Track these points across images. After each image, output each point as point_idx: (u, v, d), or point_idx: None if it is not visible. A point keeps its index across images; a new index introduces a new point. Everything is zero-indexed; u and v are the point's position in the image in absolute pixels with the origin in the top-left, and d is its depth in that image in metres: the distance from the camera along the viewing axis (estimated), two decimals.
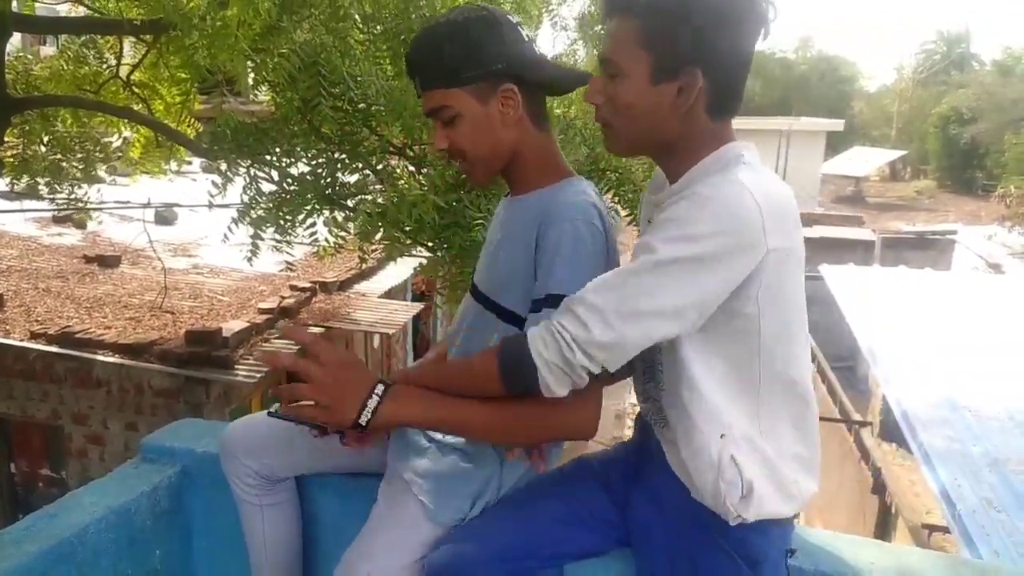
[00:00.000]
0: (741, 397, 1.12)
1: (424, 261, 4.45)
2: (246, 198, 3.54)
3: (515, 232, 1.31)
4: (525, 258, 1.25)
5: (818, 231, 15.23)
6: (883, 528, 6.69)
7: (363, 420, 1.17)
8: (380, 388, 1.19)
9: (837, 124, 27.23)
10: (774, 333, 1.09)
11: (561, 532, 1.29)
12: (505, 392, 1.15)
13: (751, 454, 1.12)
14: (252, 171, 3.57)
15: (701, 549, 1.17)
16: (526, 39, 1.29)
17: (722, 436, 1.11)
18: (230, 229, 3.46)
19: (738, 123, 1.18)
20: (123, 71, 5.72)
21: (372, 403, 1.17)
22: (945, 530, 5.10)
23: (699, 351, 1.11)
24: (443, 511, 1.30)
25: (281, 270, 4.46)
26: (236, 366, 5.51)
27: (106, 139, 6.05)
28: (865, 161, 31.92)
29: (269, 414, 1.31)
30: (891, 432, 7.01)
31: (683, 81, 1.08)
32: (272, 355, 1.29)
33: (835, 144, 30.29)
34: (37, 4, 6.50)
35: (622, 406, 12.22)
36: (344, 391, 1.17)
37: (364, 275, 7.91)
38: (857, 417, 8.30)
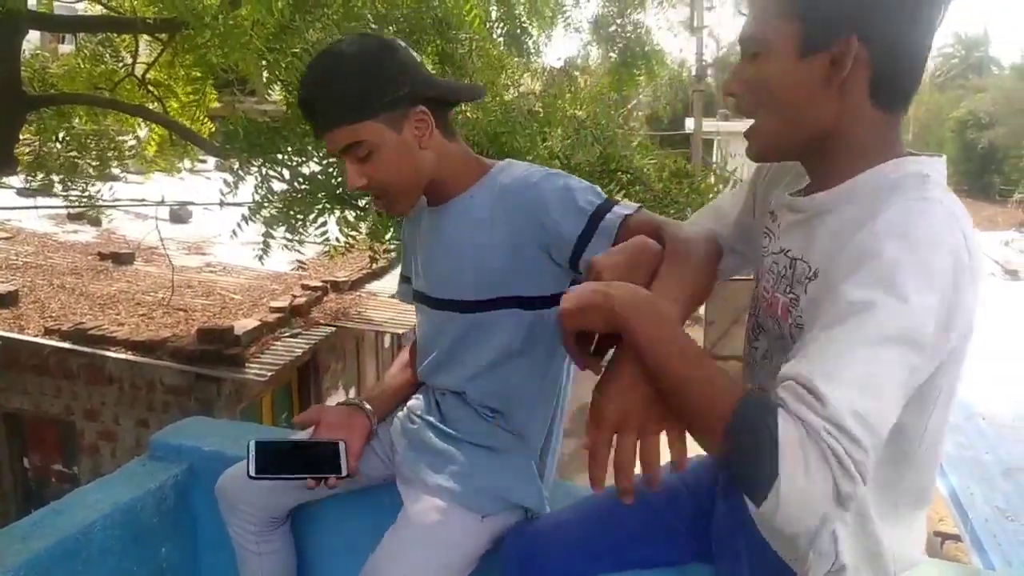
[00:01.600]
0: (881, 467, 0.86)
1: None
2: (258, 197, 3.55)
3: (479, 226, 1.29)
4: (508, 244, 1.25)
5: None
6: None
7: None
8: None
9: None
10: (942, 414, 0.94)
11: (643, 536, 1.25)
12: (719, 444, 0.85)
13: (857, 535, 0.95)
14: (264, 170, 3.58)
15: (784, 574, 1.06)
16: (418, 59, 1.28)
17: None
18: (239, 226, 3.47)
19: (748, 124, 1.08)
20: (139, 70, 5.76)
21: None
22: (957, 538, 5.05)
23: None
24: (475, 502, 1.29)
25: (293, 269, 4.48)
26: (247, 364, 5.53)
27: (121, 137, 6.09)
28: None
29: (252, 478, 1.32)
30: None
31: (836, 50, 0.90)
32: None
33: None
34: (55, 2, 6.57)
35: None
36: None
37: (375, 274, 7.92)
38: None
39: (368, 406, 1.45)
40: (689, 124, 19.16)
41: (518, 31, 4.06)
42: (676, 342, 0.89)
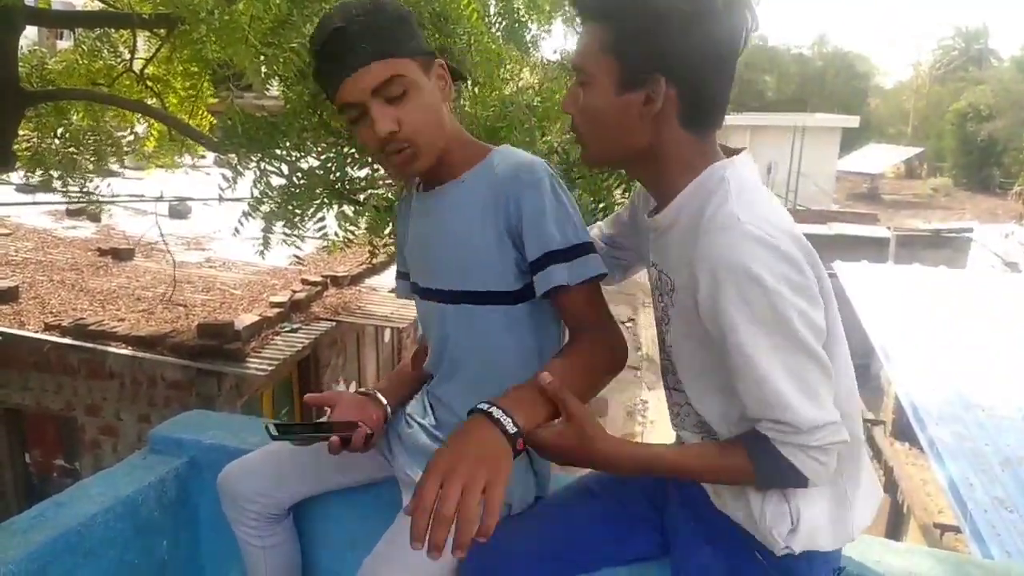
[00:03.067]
0: None
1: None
2: (256, 192, 3.55)
3: (468, 217, 1.25)
4: (499, 229, 1.22)
5: (832, 228, 15.13)
6: (895, 527, 6.64)
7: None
8: None
9: (852, 121, 27.02)
10: (831, 345, 1.07)
11: (602, 534, 1.27)
12: (755, 485, 1.11)
13: (809, 491, 1.09)
14: (262, 165, 3.58)
15: (739, 563, 1.14)
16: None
17: None
18: (241, 223, 3.47)
19: (752, 119, 1.15)
20: (137, 65, 5.75)
21: None
22: (957, 530, 5.06)
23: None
24: None
25: (290, 263, 4.49)
26: (248, 359, 5.54)
27: (119, 133, 6.08)
28: (880, 158, 31.68)
29: (272, 437, 1.29)
30: (904, 431, 6.97)
31: (649, 89, 1.04)
32: None
33: (850, 141, 30.07)
34: None
35: (634, 402, 12.21)
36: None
37: (375, 269, 7.92)
38: (870, 416, 8.25)
39: (381, 396, 1.43)
40: None
41: (516, 25, 4.05)
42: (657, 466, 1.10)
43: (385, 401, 1.42)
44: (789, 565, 1.11)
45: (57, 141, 5.61)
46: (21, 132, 5.22)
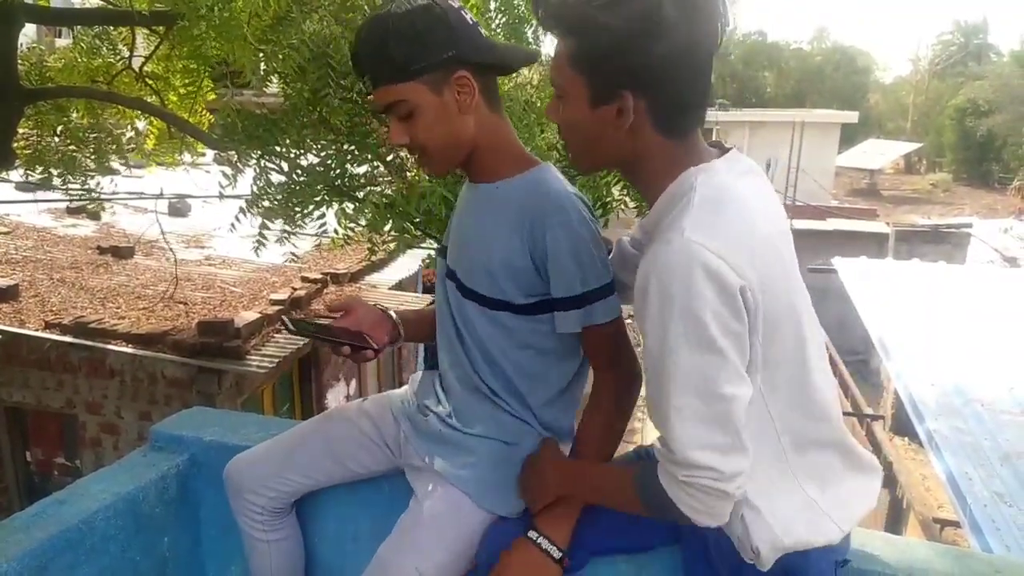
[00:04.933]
0: (762, 438, 1.07)
1: (433, 253, 4.45)
2: (256, 189, 3.55)
3: (495, 225, 1.29)
4: (518, 252, 1.26)
5: (831, 224, 15.13)
6: (894, 522, 6.66)
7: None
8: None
9: (852, 116, 26.98)
10: (783, 365, 1.06)
11: (616, 522, 1.28)
12: (649, 514, 1.14)
13: (773, 506, 1.09)
14: (262, 162, 3.58)
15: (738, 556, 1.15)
16: (471, 22, 1.27)
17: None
18: (237, 219, 3.48)
19: (751, 115, 1.16)
20: (136, 62, 5.74)
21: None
22: (956, 524, 5.07)
23: None
24: (489, 499, 1.31)
25: (287, 261, 4.49)
26: (248, 356, 5.54)
27: (119, 130, 6.08)
28: (880, 153, 31.63)
29: (288, 330, 1.31)
30: (903, 426, 6.98)
31: (618, 104, 1.06)
32: None
33: (849, 136, 30.02)
34: None
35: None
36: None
37: (375, 267, 7.93)
38: (869, 411, 8.26)
39: (396, 317, 1.44)
40: None
41: (516, 22, 4.04)
42: (592, 486, 1.21)
43: (401, 328, 1.43)
44: (785, 561, 1.11)
45: (57, 139, 5.61)
46: (21, 130, 5.22)
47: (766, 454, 1.08)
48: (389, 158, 3.74)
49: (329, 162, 3.60)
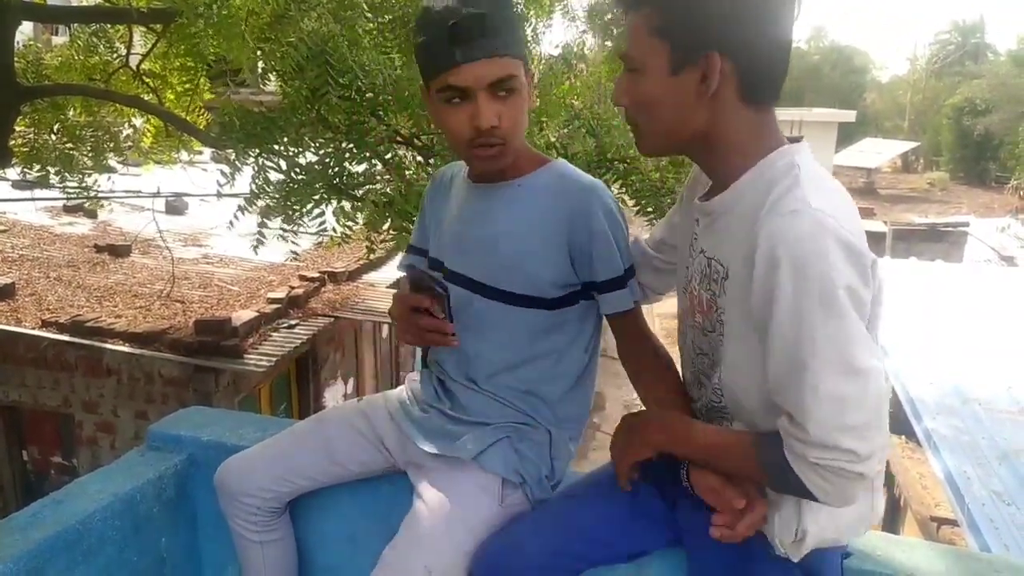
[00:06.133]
0: None
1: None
2: (254, 187, 3.54)
3: (527, 221, 1.29)
4: (555, 244, 1.27)
5: None
6: (891, 520, 6.66)
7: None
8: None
9: (849, 115, 27.03)
10: None
11: (613, 532, 1.28)
12: (765, 485, 1.10)
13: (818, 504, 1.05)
14: (260, 160, 3.57)
15: (754, 557, 1.14)
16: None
17: None
18: (236, 217, 3.47)
19: None
20: (134, 60, 5.73)
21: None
22: (954, 523, 5.08)
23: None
24: (493, 464, 1.30)
25: (287, 259, 4.48)
26: (245, 355, 5.53)
27: (116, 128, 6.06)
28: (877, 152, 31.65)
29: (407, 268, 1.29)
30: (901, 425, 6.98)
31: (704, 67, 1.02)
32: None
33: (847, 135, 30.06)
34: None
35: (631, 396, 12.23)
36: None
37: (373, 265, 7.91)
38: None
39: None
40: None
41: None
42: (702, 445, 1.14)
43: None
44: (806, 557, 1.10)
45: (54, 137, 5.60)
46: (17, 128, 5.21)
47: None
48: (387, 156, 3.73)
49: (327, 160, 3.59)
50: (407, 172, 3.69)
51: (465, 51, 1.18)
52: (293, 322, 6.27)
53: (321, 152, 3.63)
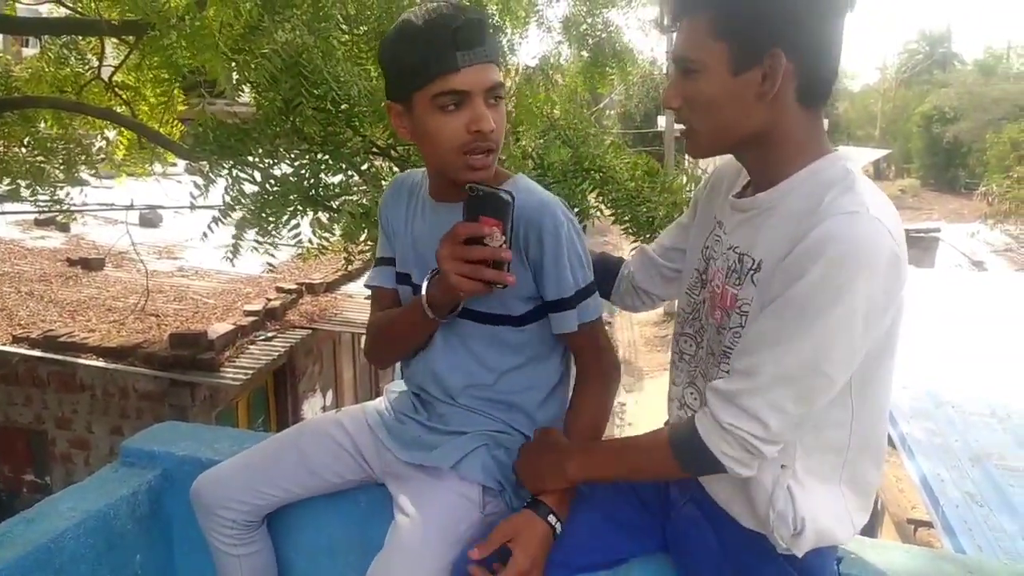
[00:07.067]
0: (837, 425, 1.08)
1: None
2: (228, 199, 3.51)
3: None
4: (516, 262, 1.23)
5: None
6: (869, 524, 6.72)
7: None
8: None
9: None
10: (872, 370, 1.06)
11: (595, 541, 1.28)
12: (683, 472, 1.15)
13: (814, 489, 1.09)
14: (234, 172, 3.55)
15: (750, 559, 1.14)
16: None
17: (783, 467, 1.08)
18: (211, 229, 3.44)
19: None
20: (106, 72, 5.67)
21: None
22: (930, 525, 5.14)
23: None
24: (472, 474, 1.30)
25: (264, 271, 4.46)
26: (222, 369, 5.48)
27: (88, 141, 6.00)
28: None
29: (469, 189, 1.16)
30: None
31: (766, 66, 1.02)
32: None
33: None
34: (18, 4, 6.44)
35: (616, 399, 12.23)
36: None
37: (351, 276, 7.87)
38: None
39: None
40: (661, 122, 19.23)
41: (491, 31, 4.07)
42: (600, 465, 1.22)
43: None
44: (802, 560, 1.11)
45: (24, 149, 5.52)
46: None
47: (833, 440, 1.09)
48: (364, 167, 3.72)
49: (303, 172, 3.57)
50: (383, 183, 3.68)
51: (468, 55, 1.18)
52: (270, 334, 6.23)
53: (296, 164, 3.62)
